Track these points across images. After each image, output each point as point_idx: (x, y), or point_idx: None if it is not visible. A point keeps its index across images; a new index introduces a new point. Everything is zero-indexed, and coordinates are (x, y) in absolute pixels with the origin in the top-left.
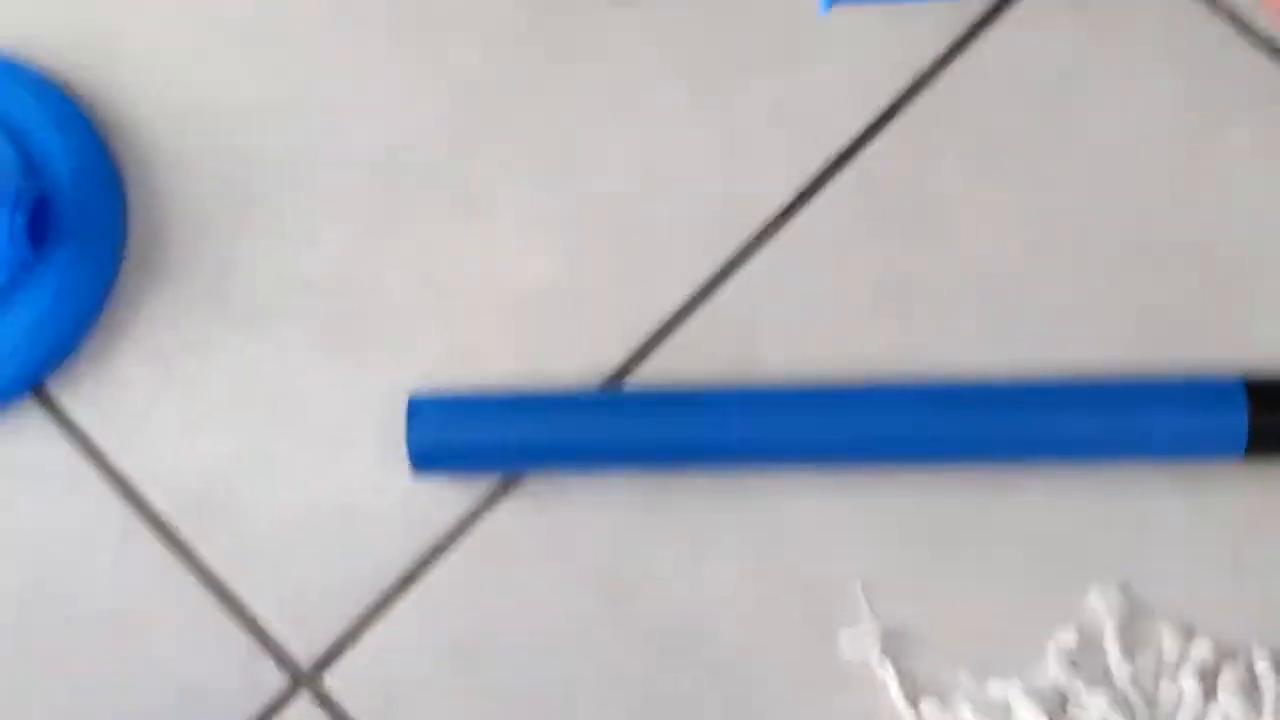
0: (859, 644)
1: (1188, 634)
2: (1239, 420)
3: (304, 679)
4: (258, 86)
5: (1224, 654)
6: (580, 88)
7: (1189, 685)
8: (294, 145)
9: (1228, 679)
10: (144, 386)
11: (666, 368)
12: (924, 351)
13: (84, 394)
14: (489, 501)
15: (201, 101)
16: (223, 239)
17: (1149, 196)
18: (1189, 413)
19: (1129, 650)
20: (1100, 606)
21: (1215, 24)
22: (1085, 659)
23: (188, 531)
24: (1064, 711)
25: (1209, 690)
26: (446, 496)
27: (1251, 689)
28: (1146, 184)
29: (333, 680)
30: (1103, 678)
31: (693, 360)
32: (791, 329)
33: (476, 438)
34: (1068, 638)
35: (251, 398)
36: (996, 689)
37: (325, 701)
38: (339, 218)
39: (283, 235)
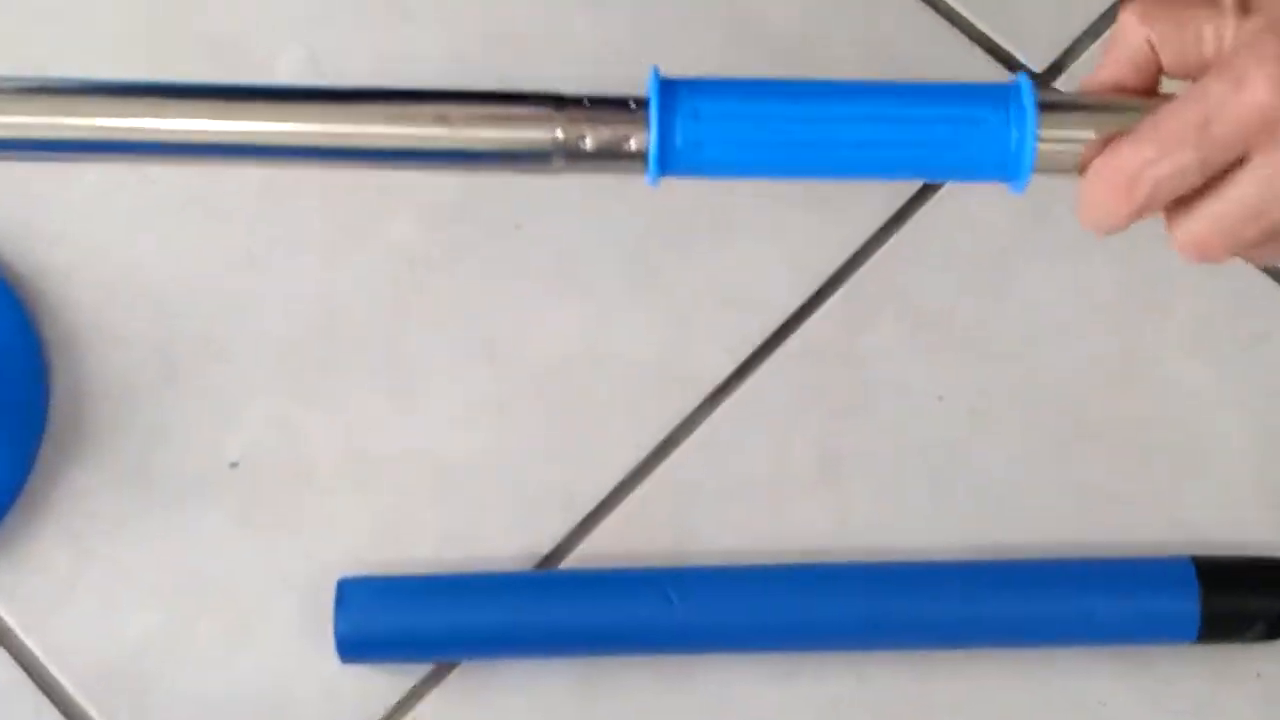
0: None
1: None
2: (1190, 604)
3: None
4: (187, 259)
5: None
6: (516, 262)
7: None
8: (222, 319)
9: None
10: (61, 566)
11: (603, 547)
12: (865, 529)
13: None
14: (420, 689)
15: (129, 275)
16: (146, 415)
17: (1088, 374)
18: (1138, 595)
19: None
20: None
21: None
22: None
23: (102, 717)
24: None
25: None
26: (375, 683)
27: None
28: (1085, 361)
29: None
30: None
31: (630, 539)
32: (731, 506)
33: (407, 624)
34: None
35: (173, 578)
36: None
37: None
38: (265, 392)
39: (208, 410)
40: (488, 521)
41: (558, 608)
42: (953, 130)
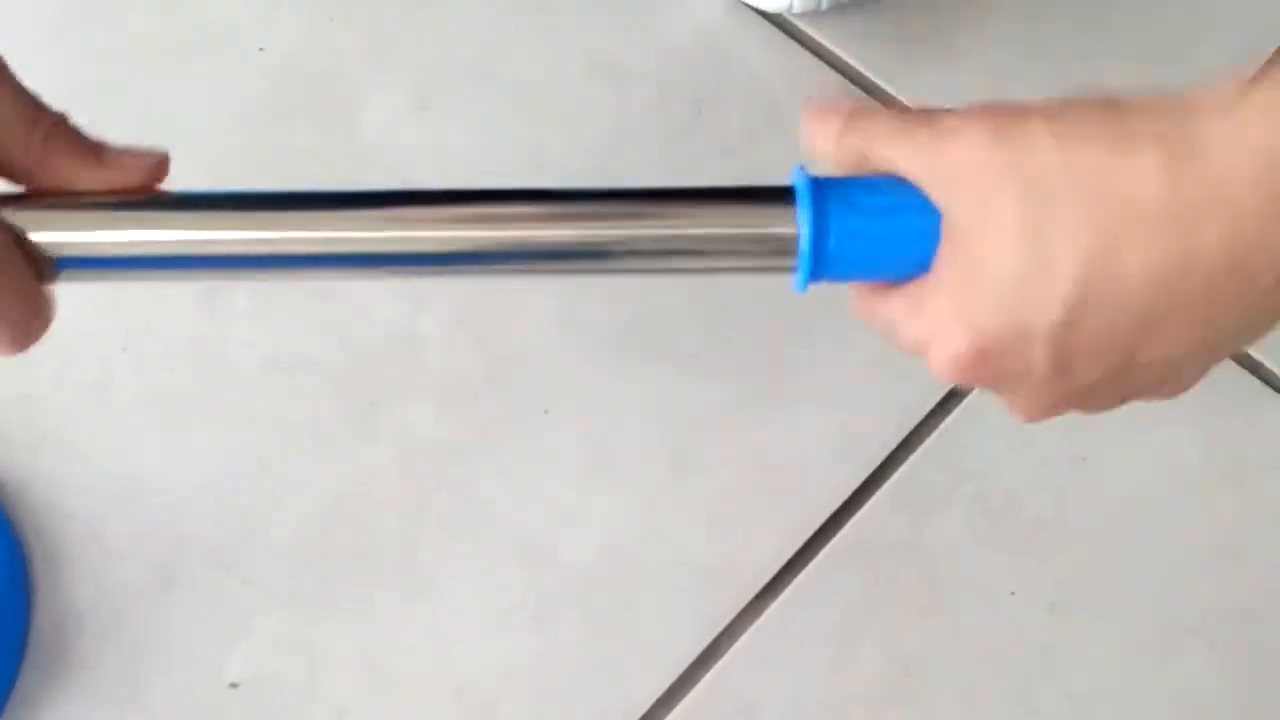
0: None
1: None
2: None
3: None
4: (185, 462)
5: None
6: (545, 449)
7: None
8: (223, 525)
9: None
10: None
11: None
12: None
13: None
14: None
15: (122, 480)
16: (138, 632)
17: (1180, 558)
18: None
19: None
20: None
21: (1230, 370)
22: None
23: None
24: None
25: None
26: None
27: None
28: (1175, 544)
29: None
30: None
31: None
32: (788, 717)
33: None
34: None
35: None
36: None
37: None
38: (271, 604)
39: (207, 625)
40: None
41: None
42: None
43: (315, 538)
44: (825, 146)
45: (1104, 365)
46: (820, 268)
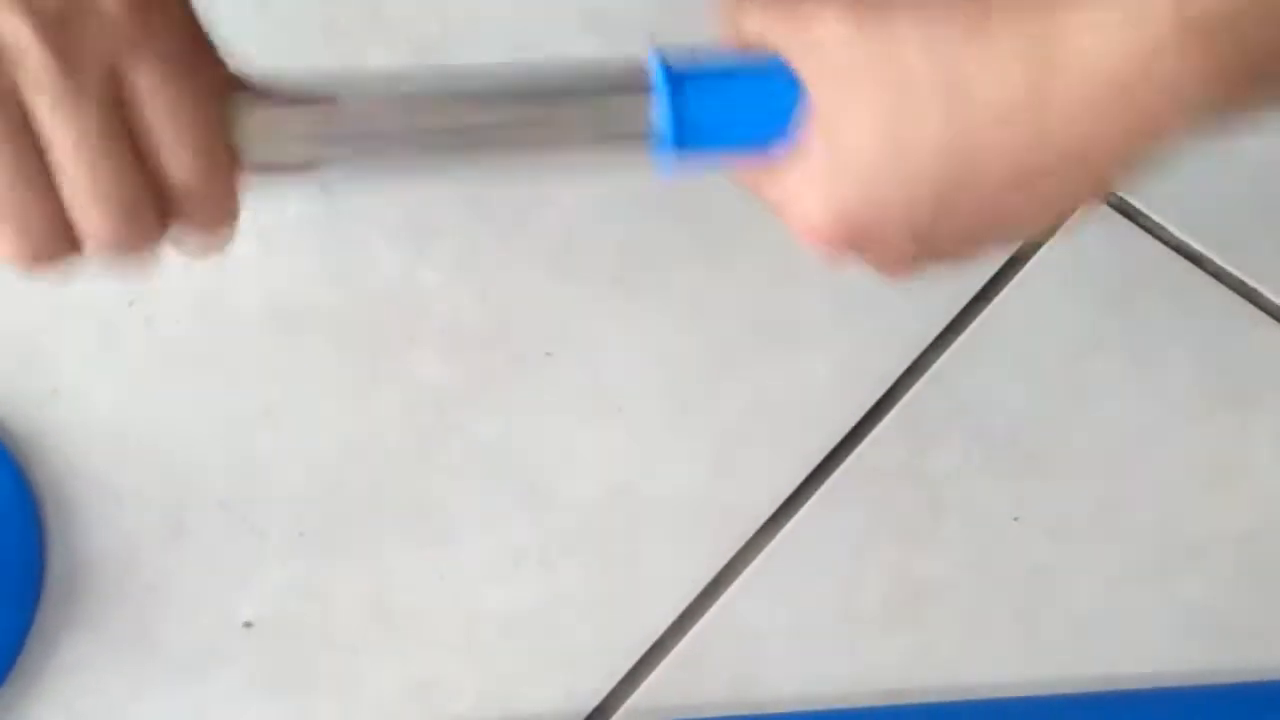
0: None
1: None
2: None
3: None
4: (194, 411)
5: None
6: (549, 392)
7: None
8: (233, 469)
9: None
10: None
11: (654, 700)
12: (944, 665)
13: None
14: None
15: (132, 430)
16: (152, 577)
17: (1175, 483)
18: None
19: None
20: None
21: (1225, 296)
22: None
23: None
24: None
25: None
26: None
27: None
28: (1170, 469)
29: None
30: None
31: (683, 689)
32: (794, 645)
33: None
34: None
35: None
36: None
37: None
38: (281, 545)
39: (220, 570)
40: (527, 677)
41: None
42: None
43: (324, 483)
44: (720, 27)
45: (958, 240)
46: (683, 136)
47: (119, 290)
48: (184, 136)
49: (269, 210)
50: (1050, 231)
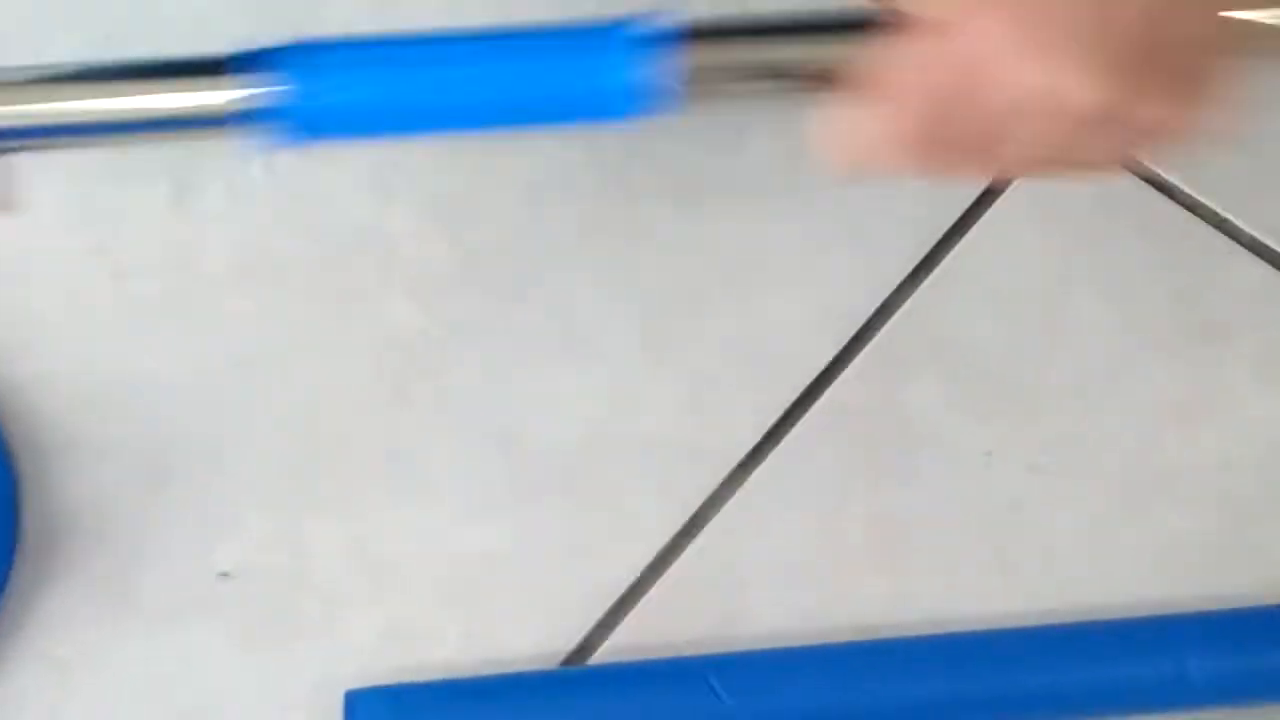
0: None
1: None
2: None
3: None
4: (165, 362)
5: None
6: (521, 335)
7: None
8: (207, 421)
9: None
10: (40, 698)
11: (635, 638)
12: (923, 600)
13: None
14: None
15: (105, 382)
16: (129, 529)
17: (1150, 416)
18: (1237, 651)
19: None
20: None
21: (1197, 227)
22: None
23: None
24: None
25: None
26: None
27: None
28: (1146, 401)
29: None
30: None
31: (663, 628)
32: (772, 583)
33: None
34: None
35: (164, 707)
36: None
37: None
38: (258, 496)
39: (196, 520)
40: (507, 619)
41: (589, 708)
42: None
43: (298, 432)
44: None
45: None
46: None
47: (85, 242)
48: None
49: (235, 161)
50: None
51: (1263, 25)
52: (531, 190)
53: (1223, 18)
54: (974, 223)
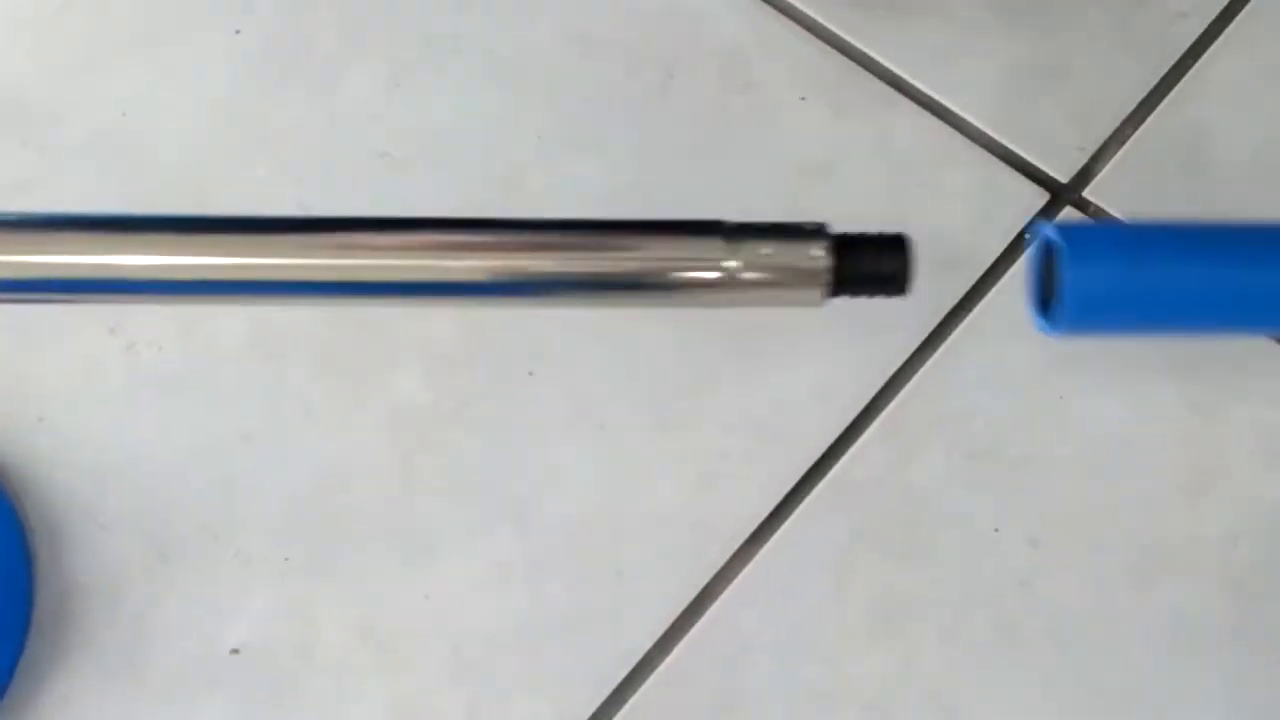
0: None
1: None
2: None
3: None
4: (177, 438)
5: None
6: (530, 410)
7: None
8: (217, 497)
9: None
10: None
11: (642, 714)
12: (929, 676)
13: None
14: None
15: (118, 457)
16: (138, 604)
17: (1155, 491)
18: None
19: None
20: None
21: None
22: None
23: None
24: None
25: None
26: None
27: None
28: (1151, 478)
29: None
30: None
31: (672, 703)
32: (780, 660)
33: None
34: None
35: None
36: None
37: None
38: (267, 570)
39: (205, 595)
40: (515, 696)
41: None
42: None
43: (307, 507)
44: None
45: None
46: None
47: (100, 318)
48: None
49: None
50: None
51: None
52: None
53: None
54: (979, 300)
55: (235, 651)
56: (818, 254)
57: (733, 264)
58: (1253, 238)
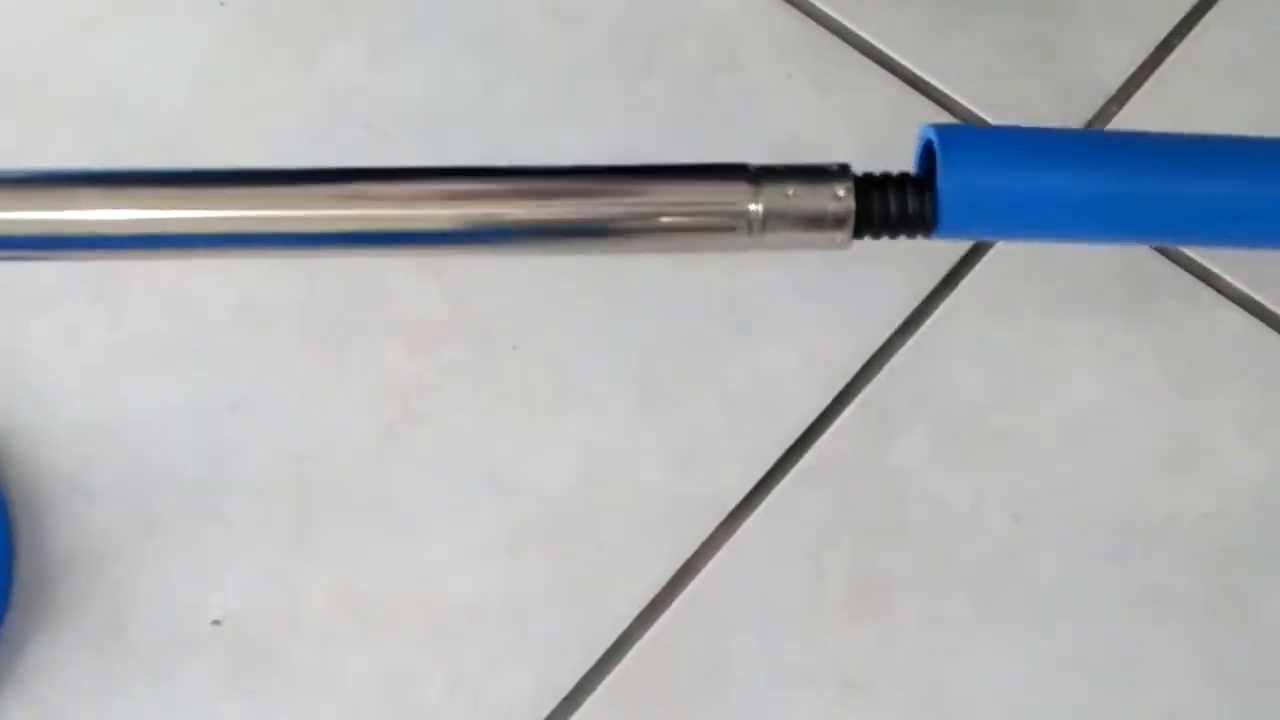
0: None
1: None
2: None
3: None
4: (160, 408)
5: None
6: (514, 384)
7: None
8: (200, 468)
9: None
10: None
11: (624, 687)
12: (911, 652)
13: None
14: None
15: (99, 428)
16: (120, 574)
17: (1136, 466)
18: None
19: None
20: None
21: (1183, 280)
22: None
23: None
24: None
25: None
26: None
27: None
28: (1133, 454)
29: None
30: None
31: (653, 676)
32: (762, 635)
33: None
34: None
35: None
36: None
37: None
38: (250, 542)
39: (187, 565)
40: (497, 667)
41: None
42: None
43: (291, 477)
44: None
45: None
46: None
47: (84, 286)
48: None
49: None
50: None
51: None
52: None
53: None
54: (961, 277)
55: (217, 622)
56: (842, 194)
57: (757, 207)
58: (1133, 145)
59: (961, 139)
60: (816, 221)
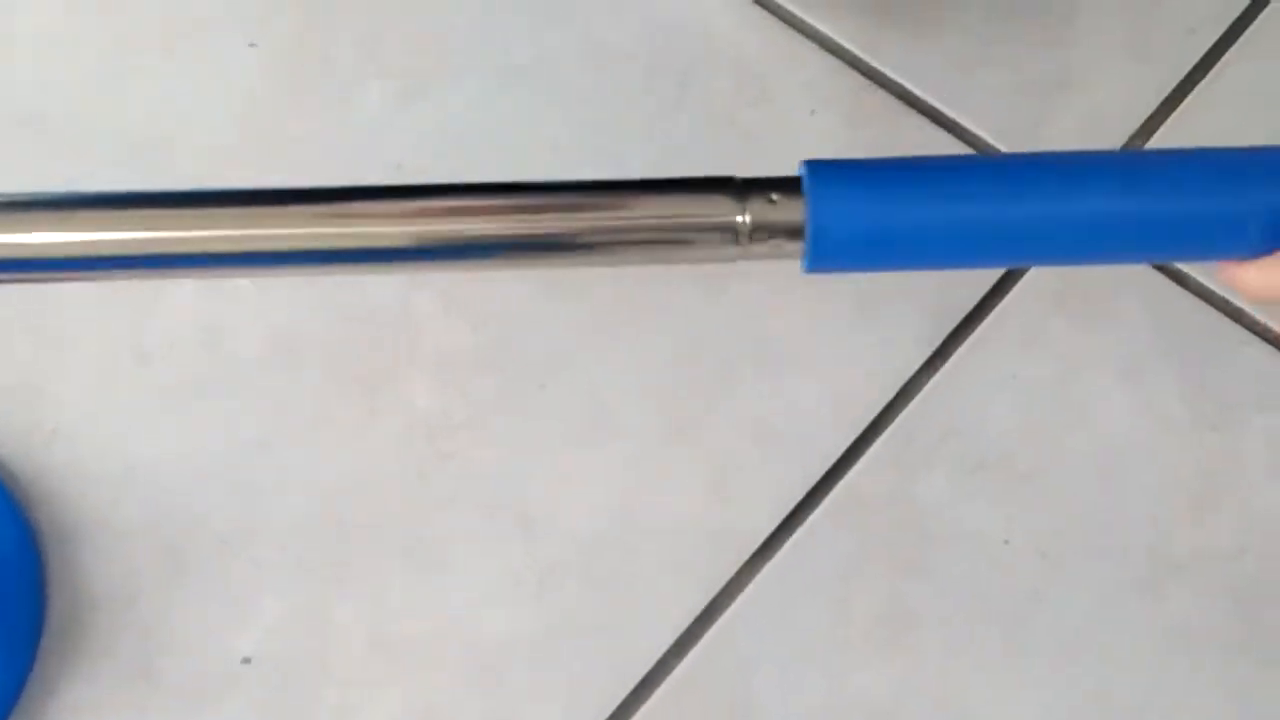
0: None
1: None
2: None
3: None
4: (190, 446)
5: None
6: (541, 417)
7: None
8: (230, 506)
9: None
10: None
11: None
12: (936, 689)
13: None
14: None
15: (131, 466)
16: (151, 614)
17: (1164, 503)
18: None
19: None
20: None
21: (1209, 315)
22: None
23: None
24: None
25: None
26: None
27: None
28: (1160, 489)
29: None
30: None
31: (682, 713)
32: (788, 671)
33: None
34: None
35: None
36: None
37: None
38: (280, 579)
39: (217, 604)
40: (525, 704)
41: None
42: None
43: (320, 516)
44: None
45: None
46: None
47: (115, 327)
48: None
49: None
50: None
51: None
52: (555, 273)
53: None
54: (988, 312)
55: (247, 660)
56: None
57: (744, 219)
58: (996, 171)
59: (830, 172)
60: (803, 232)
